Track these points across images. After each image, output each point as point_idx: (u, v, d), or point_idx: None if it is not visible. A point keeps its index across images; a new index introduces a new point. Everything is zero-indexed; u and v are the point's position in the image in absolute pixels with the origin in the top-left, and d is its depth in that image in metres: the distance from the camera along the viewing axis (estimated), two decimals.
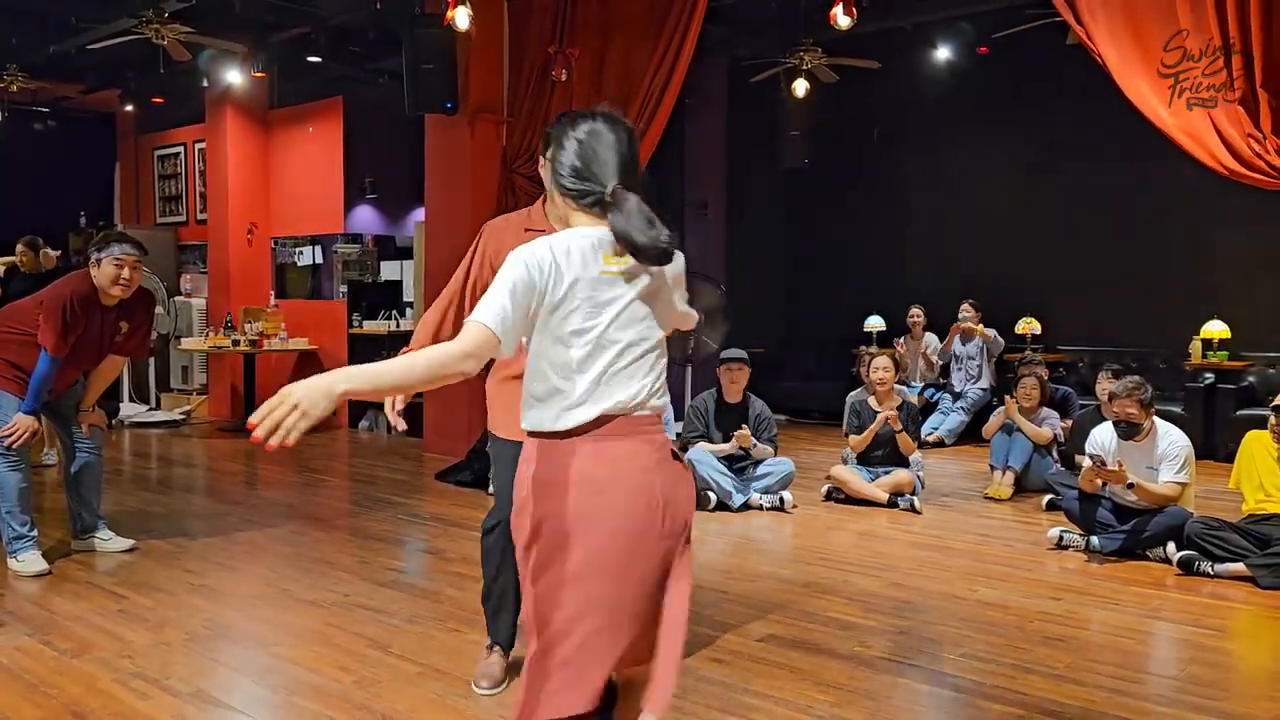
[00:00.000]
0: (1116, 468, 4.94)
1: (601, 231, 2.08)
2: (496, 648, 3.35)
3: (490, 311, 1.95)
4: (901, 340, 9.46)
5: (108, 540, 5.08)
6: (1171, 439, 5.09)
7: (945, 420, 9.01)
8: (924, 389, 9.31)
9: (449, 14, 6.16)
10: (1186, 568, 4.77)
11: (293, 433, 1.75)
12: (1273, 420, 4.89)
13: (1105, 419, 5.56)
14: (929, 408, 9.18)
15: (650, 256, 2.04)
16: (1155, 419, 5.15)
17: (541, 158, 2.90)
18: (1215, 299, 8.48)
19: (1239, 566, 4.65)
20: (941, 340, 9.25)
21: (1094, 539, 5.14)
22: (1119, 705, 3.20)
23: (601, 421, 2.02)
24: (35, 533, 4.77)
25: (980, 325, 8.96)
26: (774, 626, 3.96)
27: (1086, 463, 5.21)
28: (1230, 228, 8.51)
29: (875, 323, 10.03)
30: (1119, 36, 5.11)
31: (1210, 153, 4.88)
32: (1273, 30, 4.67)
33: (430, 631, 3.86)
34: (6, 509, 4.68)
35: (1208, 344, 8.30)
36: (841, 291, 10.66)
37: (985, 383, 9.02)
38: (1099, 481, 5.14)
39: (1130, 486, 4.98)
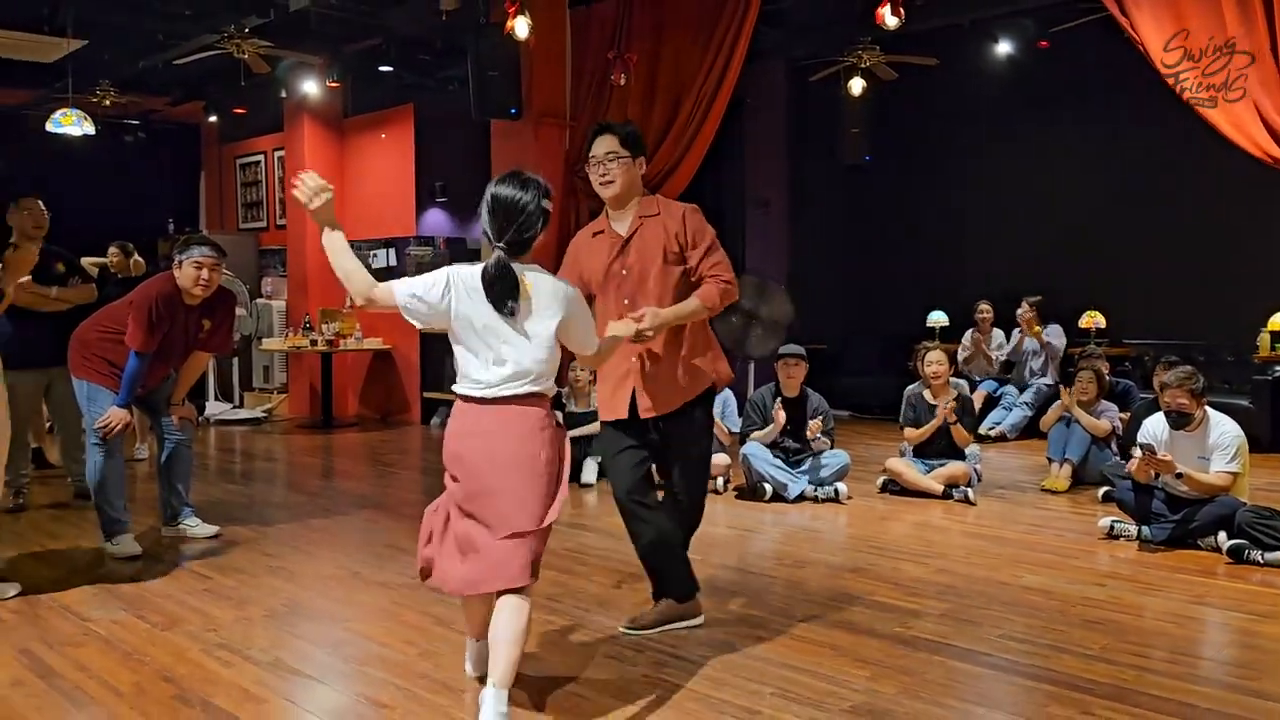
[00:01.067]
0: (1166, 457, 4.98)
1: None
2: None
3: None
4: (969, 335, 9.45)
5: (194, 526, 5.42)
6: (1224, 429, 5.10)
7: (1008, 415, 9.00)
8: (983, 383, 9.30)
9: (509, 24, 6.41)
10: (1236, 556, 4.79)
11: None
12: None
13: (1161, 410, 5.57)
14: (991, 402, 9.19)
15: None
16: (1208, 409, 5.16)
17: (632, 156, 3.26)
18: None
19: None
20: (1009, 338, 9.23)
21: (1145, 529, 5.18)
22: (1150, 683, 3.29)
23: None
24: (129, 518, 5.13)
25: (1038, 326, 8.89)
26: (817, 609, 4.11)
27: (1137, 453, 5.24)
28: None
29: (938, 318, 10.06)
30: (1162, 24, 5.13)
31: (1255, 142, 4.89)
32: None
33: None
34: (104, 497, 5.04)
35: (1276, 336, 8.18)
36: (903, 287, 10.70)
37: (1049, 378, 8.98)
38: (1152, 472, 5.17)
39: (1179, 476, 5.00)
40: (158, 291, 4.97)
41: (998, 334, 9.33)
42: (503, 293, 2.86)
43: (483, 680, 2.92)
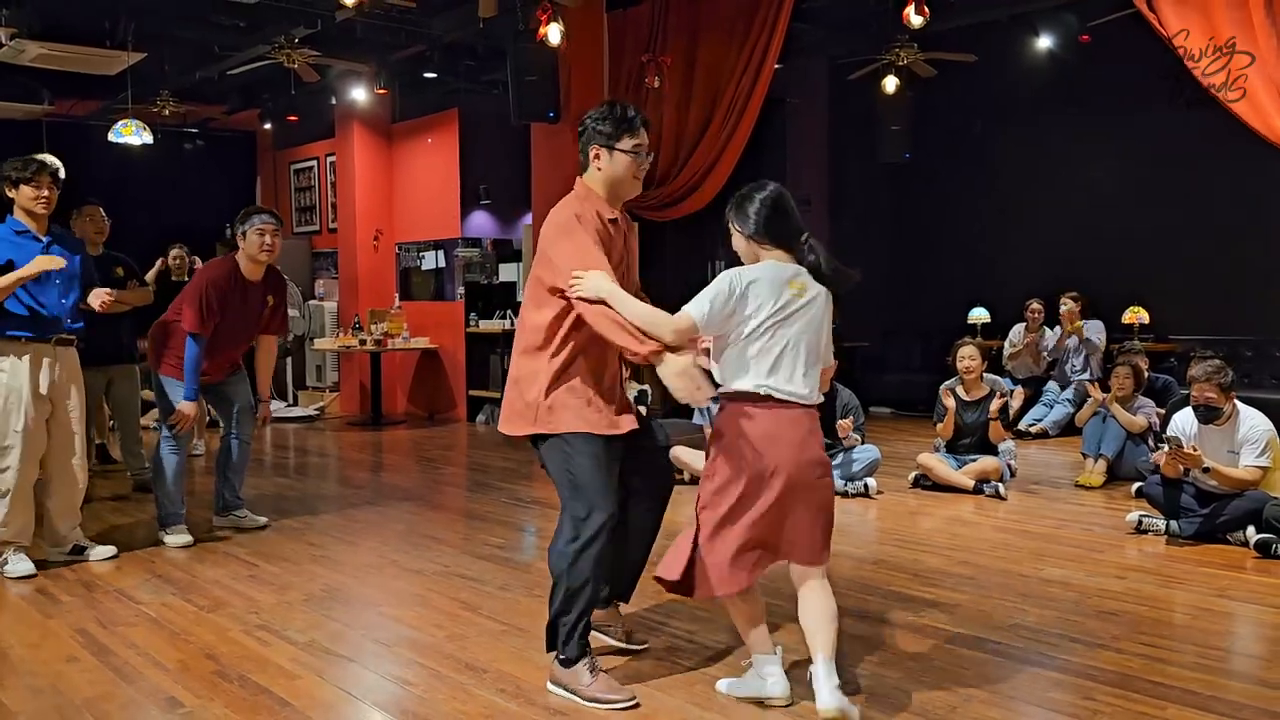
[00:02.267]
0: (1192, 451, 4.98)
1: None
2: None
3: None
4: (1016, 331, 9.38)
5: (243, 517, 5.67)
6: (1253, 423, 5.09)
7: (1050, 412, 8.97)
8: (1025, 381, 9.27)
9: (541, 30, 6.58)
10: (1264, 550, 4.79)
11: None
12: None
13: None
14: (1033, 399, 9.16)
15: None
16: (1238, 403, 5.15)
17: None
18: None
19: None
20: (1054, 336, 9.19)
21: (1173, 523, 5.19)
22: (1155, 671, 3.34)
23: None
24: (184, 511, 5.39)
25: (1080, 322, 8.83)
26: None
27: (1166, 447, 5.25)
28: None
29: (980, 314, 10.04)
30: (1188, 20, 5.14)
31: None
32: None
33: (518, 597, 4.25)
34: (163, 489, 5.31)
35: None
36: (944, 284, 10.69)
37: (1090, 375, 8.92)
38: (1180, 466, 5.18)
39: (1206, 470, 5.01)
40: (210, 274, 5.23)
41: (1048, 332, 9.26)
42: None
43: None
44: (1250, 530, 4.92)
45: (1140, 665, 3.40)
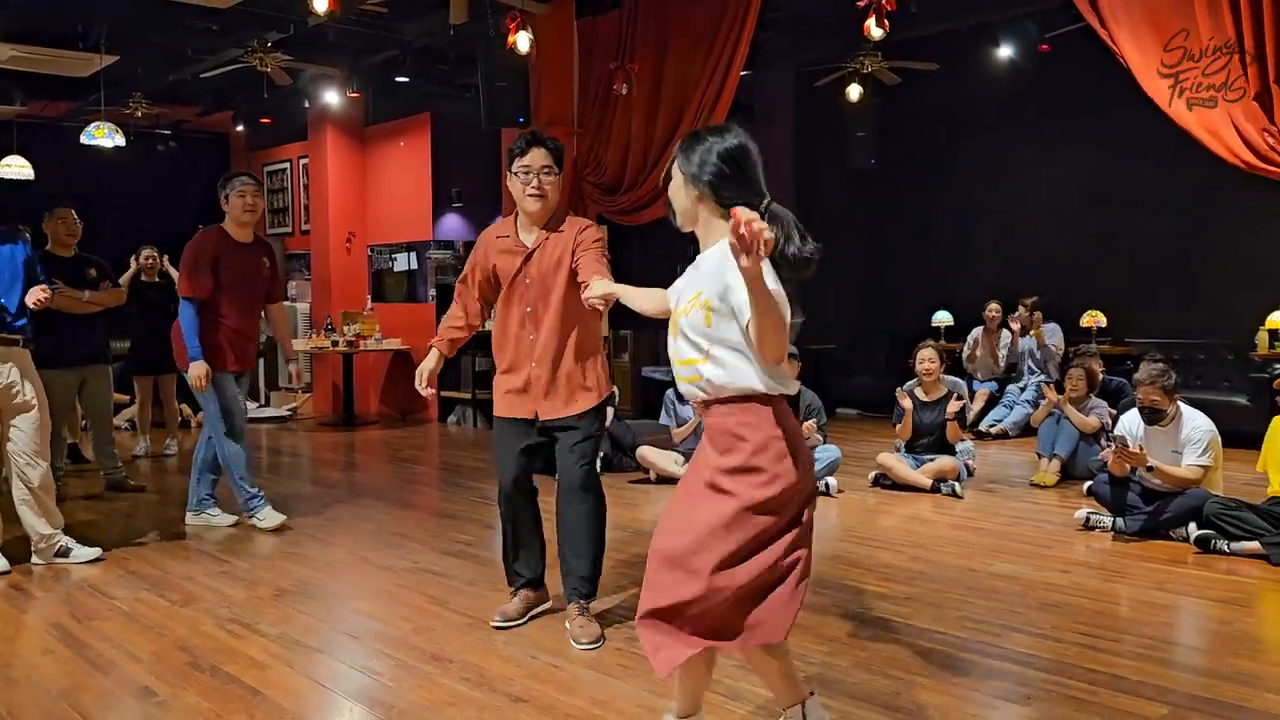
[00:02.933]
0: (1138, 450, 5.18)
1: None
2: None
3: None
4: (974, 334, 9.62)
5: (215, 516, 5.76)
6: (1195, 424, 5.29)
7: (1010, 413, 9.19)
8: (985, 383, 9.49)
9: (510, 39, 6.71)
10: (1203, 546, 4.98)
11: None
12: None
13: None
14: (993, 399, 9.38)
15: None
16: (1180, 405, 5.35)
17: (558, 174, 3.48)
18: None
19: (1254, 545, 4.84)
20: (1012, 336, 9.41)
21: (1119, 520, 5.38)
22: (1089, 658, 3.52)
23: None
24: (263, 492, 5.59)
25: (1042, 327, 9.05)
26: None
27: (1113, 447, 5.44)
28: None
29: (943, 318, 10.27)
30: (1140, 37, 5.34)
31: (1228, 148, 5.08)
32: None
33: (484, 592, 4.38)
34: (239, 476, 5.50)
35: (1274, 334, 8.31)
36: (909, 288, 10.90)
37: (1048, 378, 9.15)
38: (1127, 465, 5.37)
39: (1150, 469, 5.20)
40: (196, 241, 5.42)
41: (1005, 334, 9.50)
42: None
43: None
44: (1191, 527, 5.12)
45: (1076, 653, 3.57)
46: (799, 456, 2.41)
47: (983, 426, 9.05)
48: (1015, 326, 9.22)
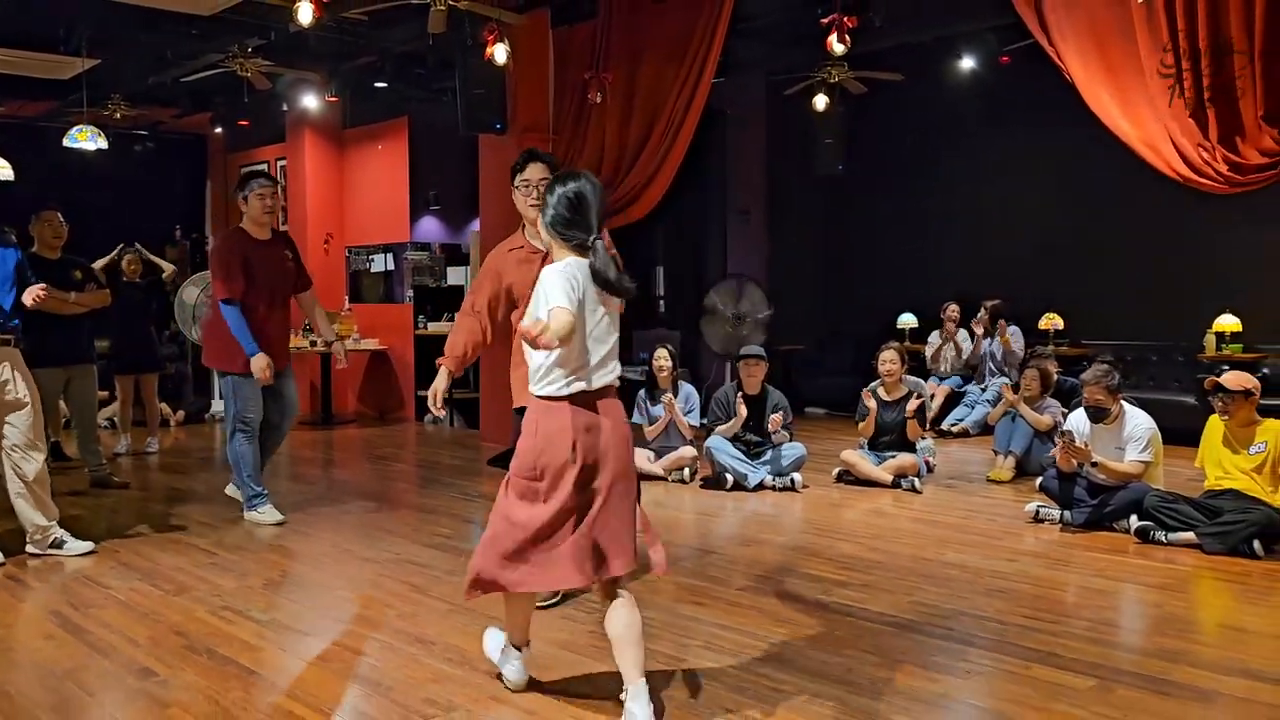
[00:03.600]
0: (1083, 447, 5.48)
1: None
2: None
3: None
4: (935, 335, 9.95)
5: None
6: (1137, 422, 5.60)
7: (971, 413, 9.50)
8: (948, 380, 9.81)
9: (488, 50, 6.93)
10: (1143, 536, 5.29)
11: None
12: (1216, 402, 5.36)
13: None
14: (956, 399, 9.70)
15: (616, 292, 2.96)
16: (1124, 404, 5.66)
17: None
18: (1230, 294, 8.82)
19: (1189, 535, 5.15)
20: (972, 338, 9.72)
21: (1066, 513, 5.68)
22: (1027, 637, 3.80)
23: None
24: (267, 491, 5.82)
25: (1009, 334, 9.37)
26: (754, 579, 4.63)
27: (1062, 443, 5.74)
28: (1243, 226, 8.83)
29: (907, 320, 10.59)
30: (1085, 54, 5.65)
31: (1167, 162, 5.39)
32: (1221, 52, 5.16)
33: (464, 581, 4.59)
34: (248, 473, 5.72)
35: (1221, 337, 8.67)
36: (875, 291, 11.20)
37: (1010, 379, 9.46)
38: (1074, 460, 5.68)
39: (1095, 464, 5.50)
40: (220, 244, 5.71)
41: (963, 334, 9.82)
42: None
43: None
44: (1133, 519, 5.42)
45: (1016, 633, 3.85)
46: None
47: (945, 425, 9.35)
48: (979, 330, 9.54)
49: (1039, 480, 6.71)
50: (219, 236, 5.74)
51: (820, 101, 9.03)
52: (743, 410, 6.80)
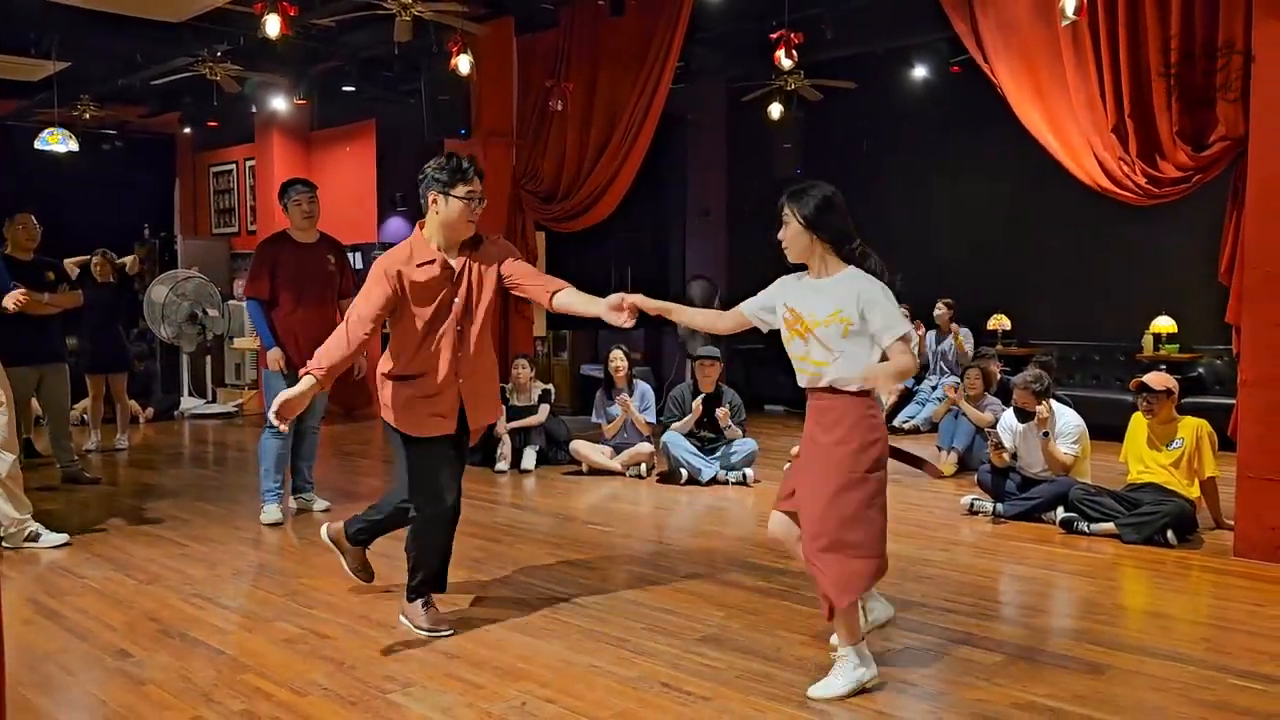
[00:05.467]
0: (1008, 447, 5.87)
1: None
2: None
3: None
4: None
5: (311, 500, 6.22)
6: (1066, 419, 5.93)
7: (922, 410, 9.84)
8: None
9: (453, 61, 7.17)
10: (1067, 527, 5.62)
11: None
12: (1141, 401, 5.71)
13: None
14: (907, 397, 10.04)
15: None
16: (1053, 403, 5.99)
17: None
18: (1166, 297, 9.22)
19: (1109, 526, 5.49)
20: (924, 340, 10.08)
21: (999, 505, 6.01)
22: (947, 619, 4.11)
23: None
24: (282, 490, 5.95)
25: (961, 336, 9.72)
26: (699, 567, 4.91)
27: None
28: (1177, 233, 9.20)
29: None
30: (1016, 71, 5.97)
31: (1088, 174, 5.72)
32: (1140, 74, 5.49)
33: None
34: (265, 467, 5.88)
35: (1158, 338, 9.06)
36: None
37: (959, 379, 9.82)
38: (1006, 456, 6.01)
39: (1015, 457, 5.83)
40: (258, 247, 5.94)
41: (914, 335, 10.17)
42: None
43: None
44: (1059, 510, 5.76)
45: (937, 616, 4.16)
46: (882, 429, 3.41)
47: (896, 422, 9.69)
48: (919, 332, 9.87)
49: (976, 475, 7.08)
50: (261, 241, 6.01)
51: (775, 110, 9.34)
52: (698, 407, 7.08)
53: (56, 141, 9.29)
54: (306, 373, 3.72)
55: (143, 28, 8.49)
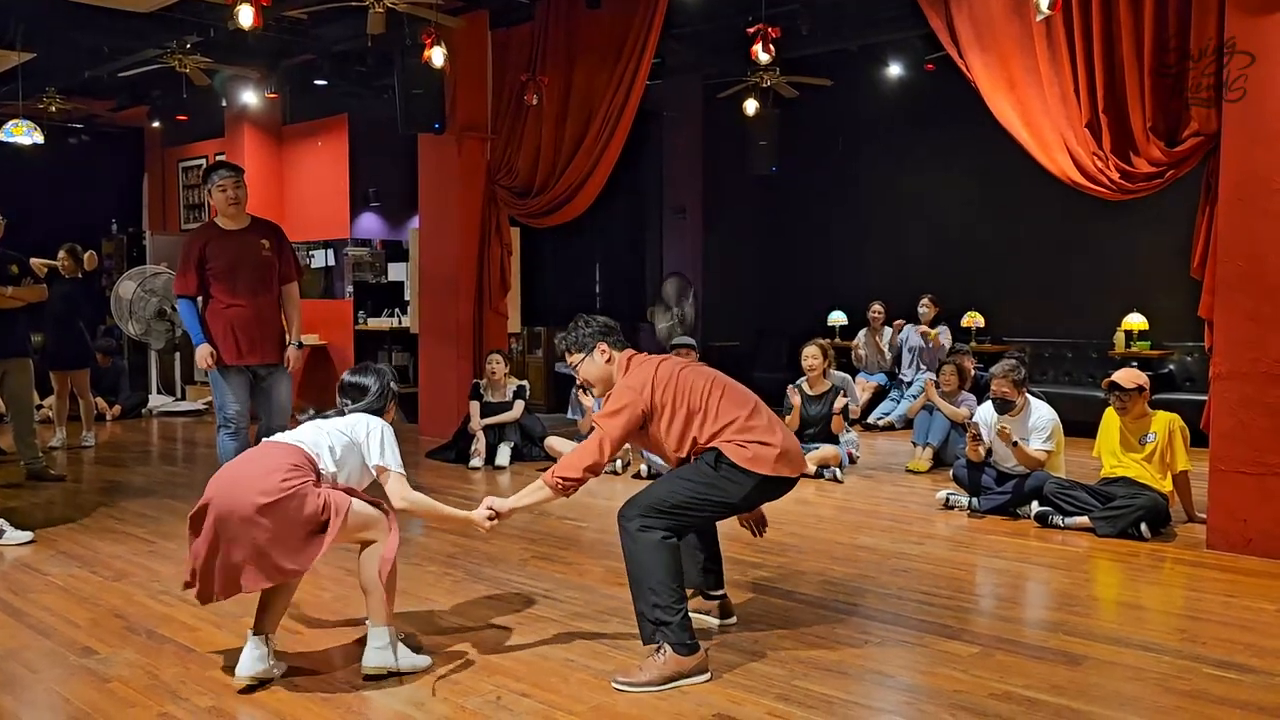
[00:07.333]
0: (986, 440, 5.86)
1: None
2: None
3: None
4: (863, 333, 10.32)
5: None
6: (1040, 414, 5.95)
7: (896, 407, 9.86)
8: (874, 376, 10.18)
9: (426, 54, 7.10)
10: (1042, 521, 5.64)
11: None
12: (1114, 399, 5.73)
13: None
14: (883, 394, 10.07)
15: None
16: (1029, 396, 6.01)
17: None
18: (1137, 295, 9.28)
19: (1084, 519, 5.51)
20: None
21: (974, 500, 6.02)
22: (923, 611, 4.10)
23: None
24: None
25: (937, 332, 9.74)
26: None
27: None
28: (1148, 231, 9.28)
29: (837, 317, 10.94)
30: (990, 66, 5.97)
31: (1062, 169, 5.74)
32: (1114, 69, 5.51)
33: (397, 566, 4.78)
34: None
35: (1130, 335, 9.11)
36: (809, 288, 11.54)
37: (935, 376, 9.84)
38: (982, 451, 6.02)
39: (1014, 445, 5.82)
40: (184, 241, 5.76)
41: (888, 331, 10.19)
42: None
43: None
44: (1034, 505, 5.77)
45: (913, 608, 4.15)
46: None
47: (871, 419, 9.70)
48: (885, 330, 9.94)
49: (952, 469, 7.09)
50: (188, 235, 5.82)
51: (750, 106, 9.33)
52: None
53: (21, 134, 9.13)
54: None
55: (110, 18, 8.33)
